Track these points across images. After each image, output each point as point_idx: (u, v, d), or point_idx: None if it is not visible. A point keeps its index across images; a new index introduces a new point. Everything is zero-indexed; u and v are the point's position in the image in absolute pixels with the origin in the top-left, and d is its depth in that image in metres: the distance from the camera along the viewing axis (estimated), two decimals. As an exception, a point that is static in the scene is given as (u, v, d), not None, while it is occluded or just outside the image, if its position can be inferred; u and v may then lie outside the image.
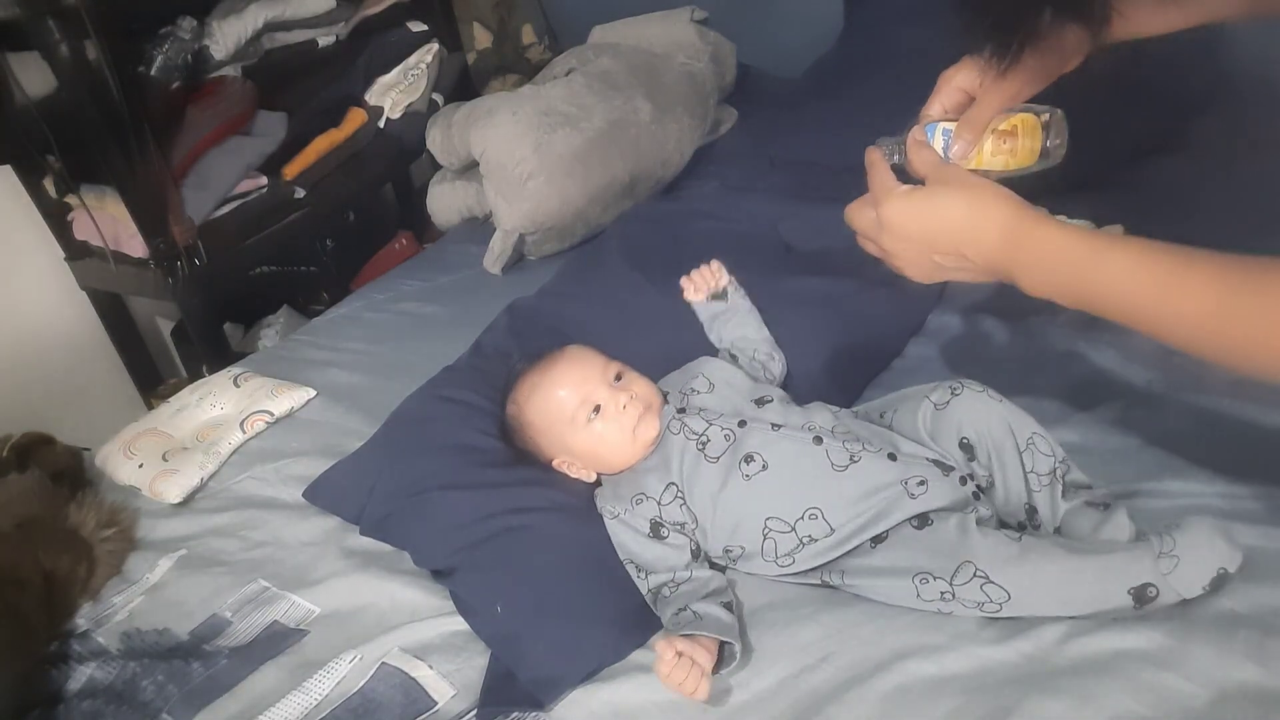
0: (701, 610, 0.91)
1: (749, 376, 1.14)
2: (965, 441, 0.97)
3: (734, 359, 1.18)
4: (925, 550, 0.90)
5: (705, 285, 1.22)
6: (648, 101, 1.83)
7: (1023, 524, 0.95)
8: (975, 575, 0.86)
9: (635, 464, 1.06)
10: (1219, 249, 0.70)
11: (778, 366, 1.18)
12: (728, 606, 0.93)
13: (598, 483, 1.10)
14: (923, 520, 0.92)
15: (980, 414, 0.97)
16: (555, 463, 1.11)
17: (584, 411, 1.06)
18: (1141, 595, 0.82)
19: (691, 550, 1.00)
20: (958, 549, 0.88)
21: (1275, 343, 0.62)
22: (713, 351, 1.22)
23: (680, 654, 0.85)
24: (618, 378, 1.08)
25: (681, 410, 1.07)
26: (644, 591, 0.98)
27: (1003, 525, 0.96)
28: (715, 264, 1.21)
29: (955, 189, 0.80)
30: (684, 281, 1.22)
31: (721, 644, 0.89)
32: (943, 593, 0.87)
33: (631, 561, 1.00)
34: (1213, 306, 0.65)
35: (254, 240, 1.88)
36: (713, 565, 1.01)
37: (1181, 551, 0.82)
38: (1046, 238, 0.75)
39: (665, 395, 1.12)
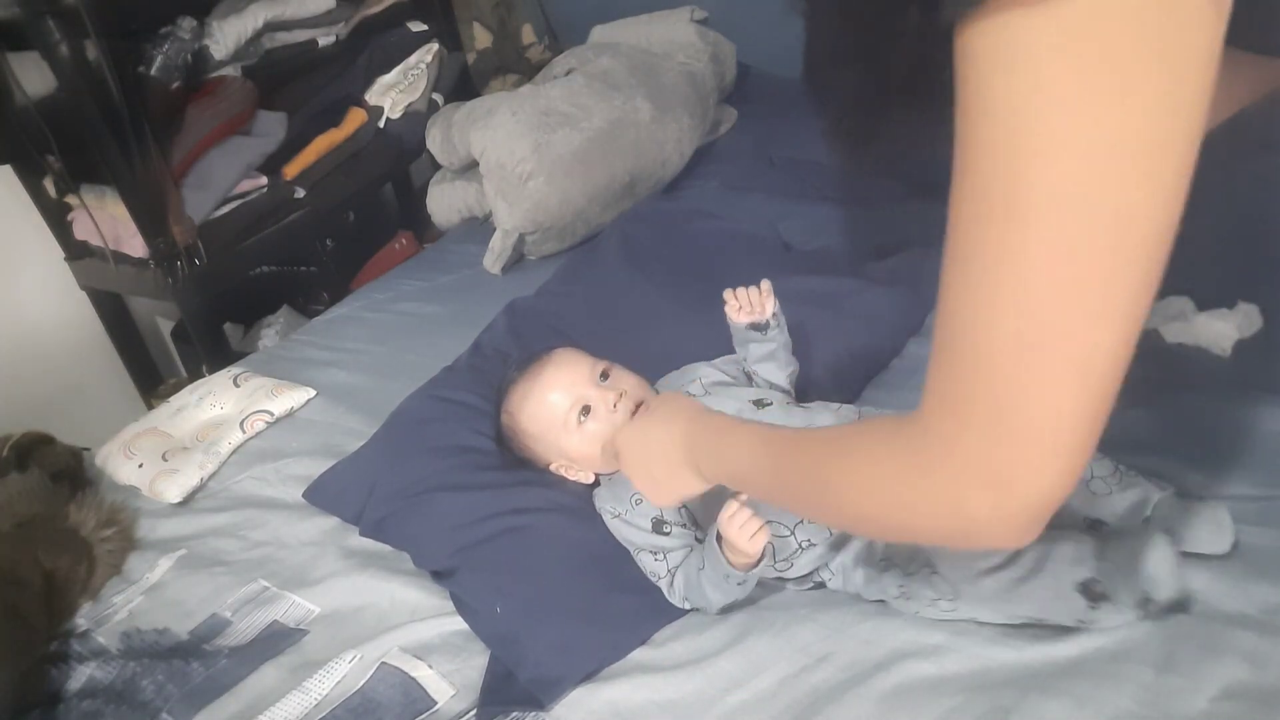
0: None
1: (748, 384, 1.14)
2: None
3: (748, 378, 1.16)
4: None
5: (750, 310, 1.10)
6: (648, 101, 1.83)
7: None
8: (925, 565, 0.86)
9: None
10: (1219, 249, 0.70)
11: (786, 383, 1.16)
12: None
13: (596, 482, 1.10)
14: None
15: None
16: (553, 466, 1.11)
17: (575, 414, 1.06)
18: (1090, 590, 0.81)
19: (697, 539, 1.00)
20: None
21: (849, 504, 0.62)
22: (710, 354, 1.22)
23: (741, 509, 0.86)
24: (604, 376, 1.08)
25: (679, 412, 1.07)
26: (662, 573, 0.98)
27: None
28: (765, 285, 1.09)
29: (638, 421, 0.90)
30: (728, 296, 1.11)
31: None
32: (900, 585, 0.88)
33: (644, 549, 1.00)
34: (810, 482, 0.66)
35: (254, 240, 1.88)
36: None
37: (1118, 558, 0.81)
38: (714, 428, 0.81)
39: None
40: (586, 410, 1.05)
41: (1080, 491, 0.92)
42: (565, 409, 1.06)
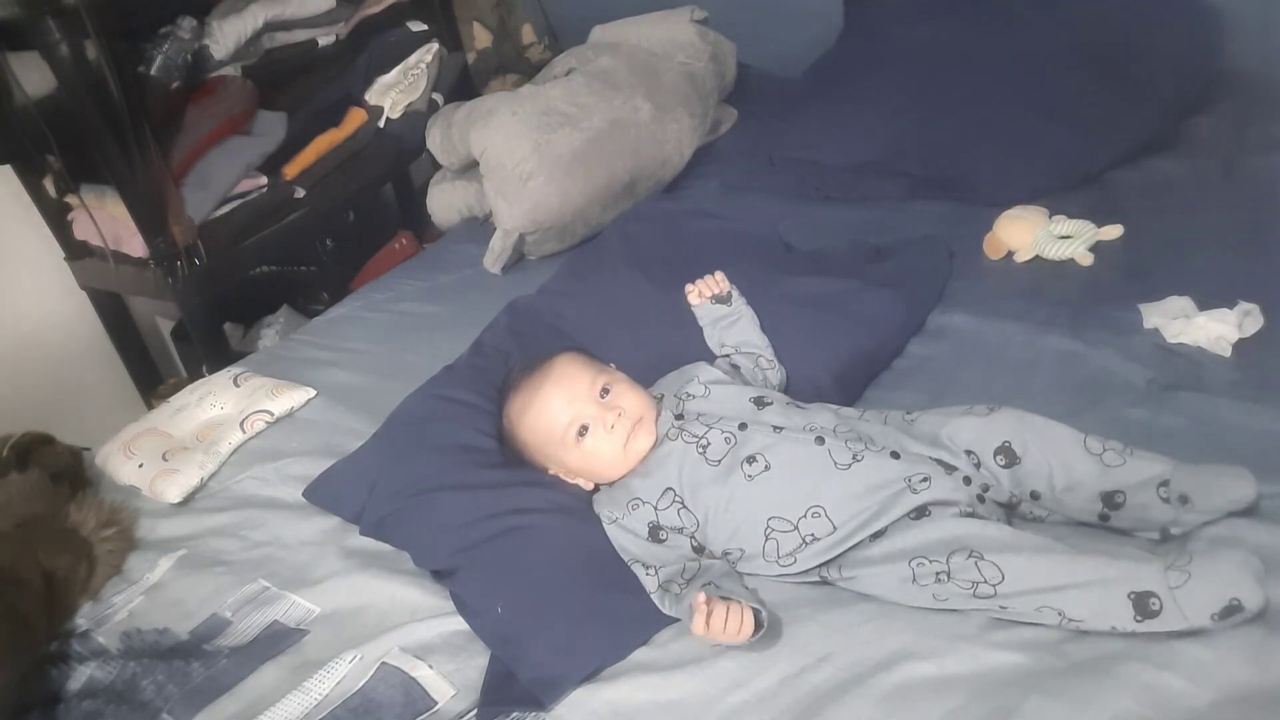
0: (724, 586, 0.92)
1: (746, 383, 1.14)
2: (1006, 445, 0.96)
3: (735, 368, 1.17)
4: (921, 535, 0.91)
5: (709, 290, 1.24)
6: (648, 101, 1.83)
7: (1105, 515, 0.93)
8: (970, 555, 0.86)
9: (632, 470, 1.06)
10: (1218, 249, 0.70)
11: (776, 377, 1.18)
12: (744, 586, 0.94)
13: (595, 488, 1.10)
14: (920, 512, 0.93)
15: (1024, 424, 0.97)
16: (551, 471, 1.12)
17: (572, 432, 1.06)
18: (1143, 604, 0.79)
19: (693, 547, 1.00)
20: (950, 533, 0.89)
21: None
22: (709, 354, 1.22)
23: (715, 606, 0.87)
24: (605, 392, 1.08)
25: (679, 416, 1.07)
26: (653, 589, 0.98)
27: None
28: (719, 275, 1.22)
29: None
30: (689, 287, 1.23)
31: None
32: (938, 572, 0.87)
33: (638, 560, 1.00)
34: None
35: (254, 240, 1.88)
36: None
37: (1196, 569, 0.78)
38: None
39: (661, 398, 1.12)
40: (584, 429, 1.06)
41: (1094, 465, 0.93)
42: (562, 427, 1.06)
